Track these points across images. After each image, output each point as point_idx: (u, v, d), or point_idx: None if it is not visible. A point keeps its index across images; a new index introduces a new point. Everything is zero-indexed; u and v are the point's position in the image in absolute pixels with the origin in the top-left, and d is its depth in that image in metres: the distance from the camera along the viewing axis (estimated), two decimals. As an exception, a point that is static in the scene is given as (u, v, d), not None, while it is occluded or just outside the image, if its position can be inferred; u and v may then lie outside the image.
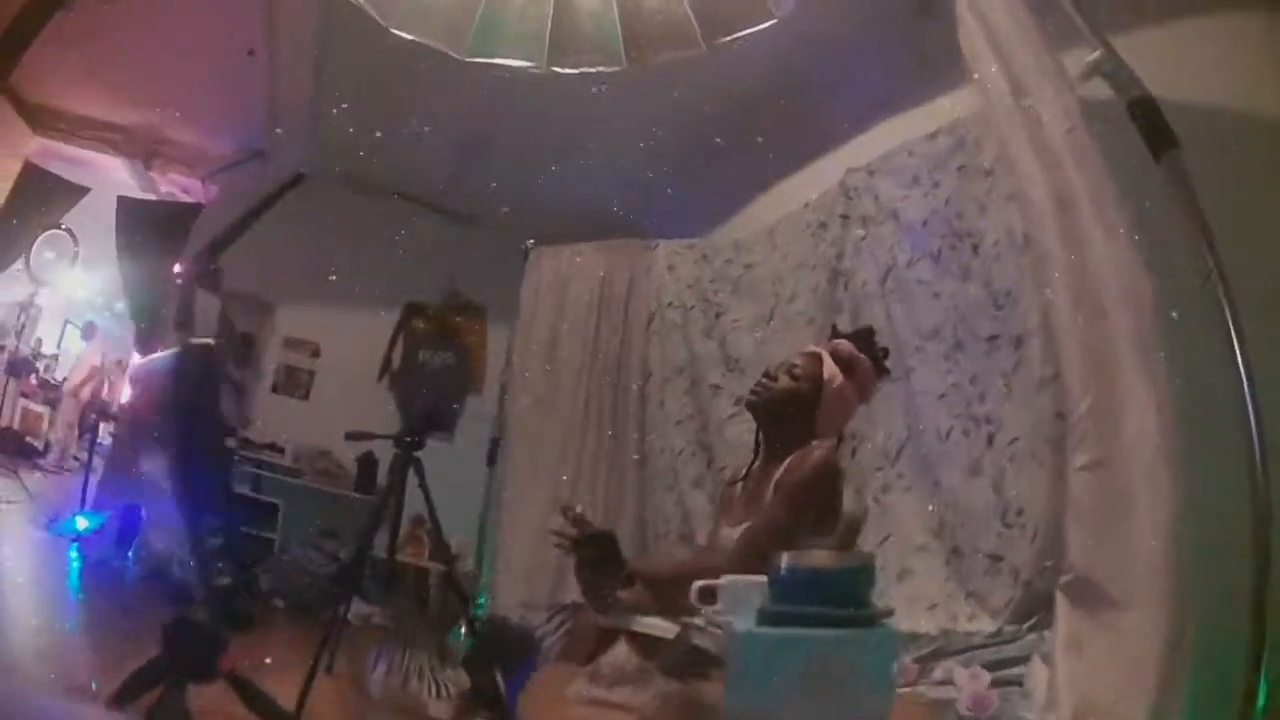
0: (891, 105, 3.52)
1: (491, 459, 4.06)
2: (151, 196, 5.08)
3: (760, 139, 3.80)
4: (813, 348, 2.09)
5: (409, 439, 3.25)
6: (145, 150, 4.97)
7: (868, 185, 3.42)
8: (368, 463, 5.19)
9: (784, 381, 1.99)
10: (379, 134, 4.49)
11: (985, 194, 3.05)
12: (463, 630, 3.18)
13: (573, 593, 3.66)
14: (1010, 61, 2.18)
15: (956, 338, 3.02)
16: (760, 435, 2.05)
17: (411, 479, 3.07)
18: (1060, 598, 1.93)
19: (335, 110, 4.47)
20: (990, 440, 2.83)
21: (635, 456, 3.83)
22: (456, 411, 5.48)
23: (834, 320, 3.39)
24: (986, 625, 2.70)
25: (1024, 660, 2.39)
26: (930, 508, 3.00)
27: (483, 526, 3.96)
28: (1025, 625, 2.54)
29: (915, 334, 3.09)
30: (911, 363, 3.08)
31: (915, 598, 2.92)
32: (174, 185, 5.17)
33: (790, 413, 1.95)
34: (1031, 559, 2.58)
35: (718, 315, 3.76)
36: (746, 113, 3.70)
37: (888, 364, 2.24)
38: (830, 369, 2.00)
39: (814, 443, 1.92)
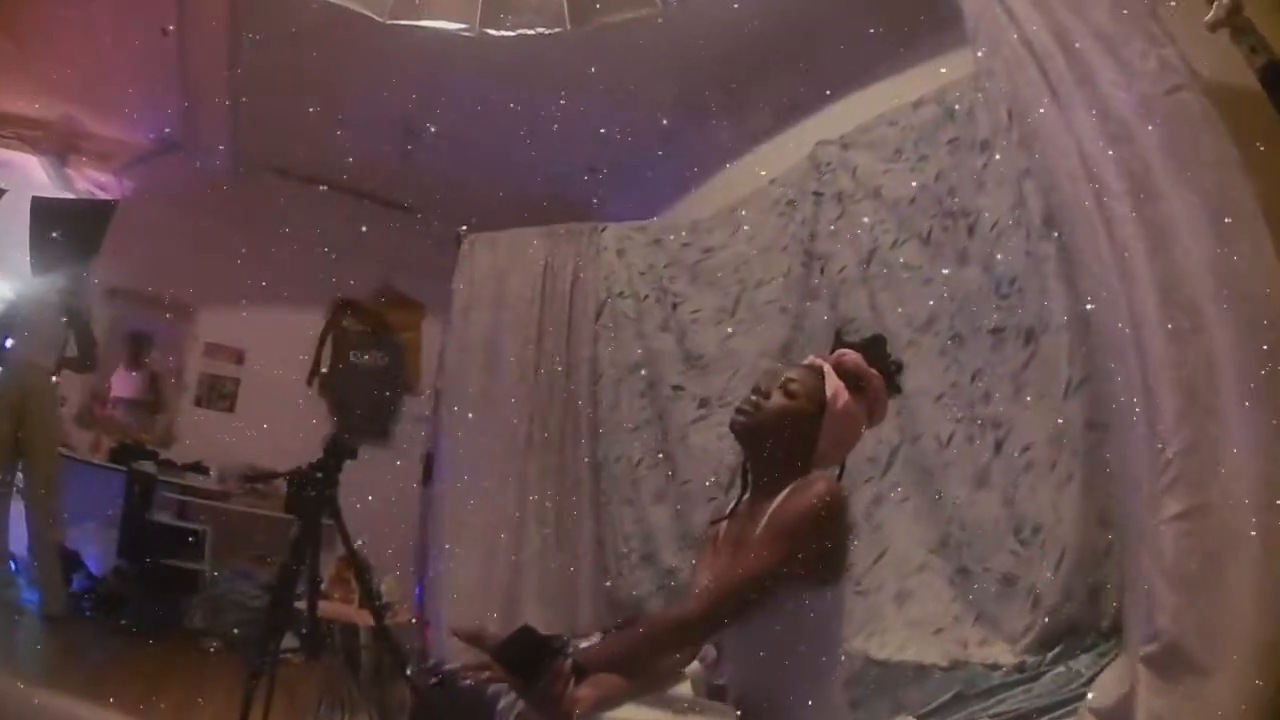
0: (863, 73, 3.06)
1: (427, 476, 3.44)
2: (68, 195, 4.55)
3: (717, 109, 3.28)
4: (813, 359, 1.66)
5: (318, 473, 2.59)
6: (61, 146, 4.54)
7: (842, 159, 2.96)
8: (300, 480, 4.48)
9: (778, 400, 1.57)
10: (301, 118, 3.98)
11: (981, 169, 2.62)
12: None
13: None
14: (1062, 10, 1.71)
15: (954, 330, 2.60)
16: (748, 465, 1.62)
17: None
18: (1143, 670, 1.51)
19: (252, 94, 4.01)
20: (998, 447, 2.43)
21: (588, 467, 3.28)
22: (391, 416, 4.99)
23: (806, 305, 2.94)
24: (1002, 654, 2.32)
25: (1058, 711, 1.98)
26: (930, 522, 2.57)
27: (422, 556, 3.35)
28: (1049, 656, 2.15)
29: (906, 325, 2.67)
30: (904, 358, 2.64)
31: (918, 622, 2.51)
32: (90, 183, 4.69)
33: (786, 437, 1.55)
34: (1056, 583, 2.19)
35: (675, 306, 3.25)
36: (703, 82, 3.18)
37: (900, 379, 1.78)
38: (834, 385, 1.58)
39: (814, 473, 1.52)
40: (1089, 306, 2.02)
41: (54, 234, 4.01)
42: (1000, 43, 2.26)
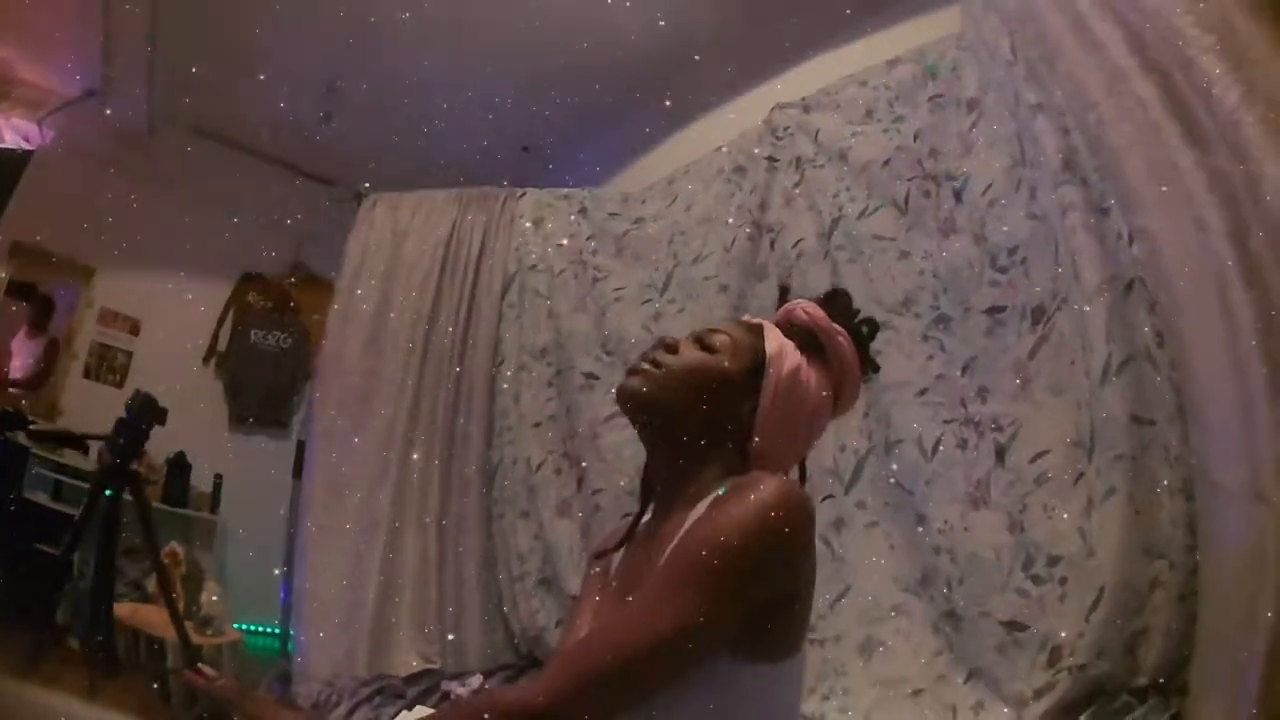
0: (827, 37, 2.41)
1: (298, 468, 2.54)
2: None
3: (662, 83, 2.60)
4: (748, 318, 1.00)
5: (120, 439, 1.95)
6: None
7: (803, 123, 2.31)
8: (179, 466, 3.63)
9: (689, 353, 0.92)
10: (221, 76, 3.33)
11: (969, 130, 1.99)
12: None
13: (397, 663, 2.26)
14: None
15: (939, 310, 1.91)
16: (649, 461, 0.96)
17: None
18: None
19: (173, 47, 3.29)
20: (1000, 455, 1.72)
21: (478, 468, 2.42)
22: (290, 403, 4.11)
23: (751, 284, 2.20)
24: (1003, 724, 1.52)
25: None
26: (909, 552, 1.83)
27: (289, 563, 2.40)
28: (1074, 728, 1.46)
29: (876, 305, 1.99)
30: (875, 344, 1.90)
31: (890, 680, 1.76)
32: (16, 132, 3.90)
33: (703, 413, 0.89)
34: (1087, 633, 1.46)
35: (594, 281, 2.47)
36: (647, 44, 2.48)
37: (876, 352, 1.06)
38: (778, 341, 0.93)
39: (755, 473, 0.82)
40: (1149, 252, 1.36)
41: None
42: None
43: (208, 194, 3.61)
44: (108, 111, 3.69)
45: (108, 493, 1.87)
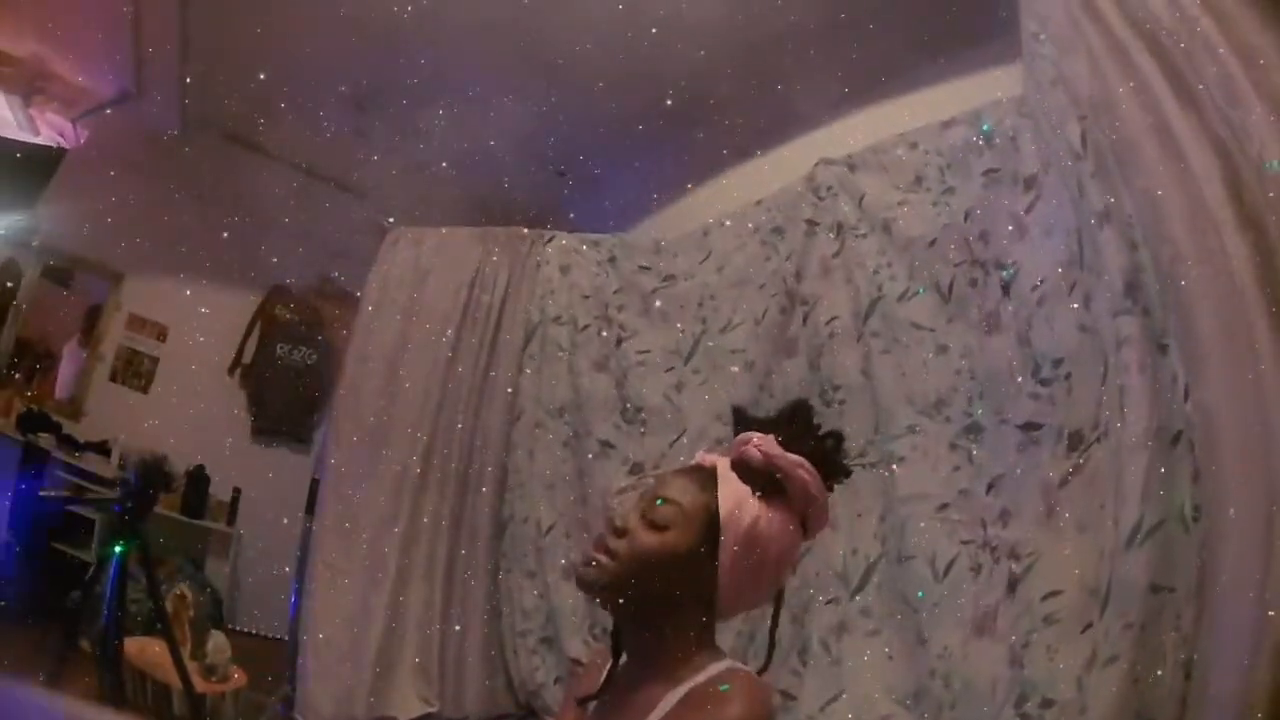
0: (881, 86, 2.28)
1: (310, 504, 2.65)
2: (28, 138, 3.87)
3: (704, 116, 2.52)
4: (701, 456, 1.03)
5: (129, 501, 2.02)
6: (27, 85, 3.85)
7: (847, 183, 2.21)
8: (198, 480, 3.79)
9: (641, 539, 0.95)
10: (255, 83, 3.28)
11: (1024, 213, 1.85)
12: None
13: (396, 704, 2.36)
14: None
15: (972, 418, 1.81)
16: (616, 622, 1.03)
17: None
18: None
19: (207, 52, 3.33)
20: (1012, 586, 1.65)
21: (489, 522, 2.47)
22: (311, 420, 4.18)
23: (779, 361, 2.14)
24: None
25: None
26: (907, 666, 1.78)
27: (299, 596, 2.53)
28: None
29: (906, 403, 1.91)
30: (899, 448, 1.85)
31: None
32: (52, 129, 4.02)
33: (662, 590, 0.94)
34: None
35: (619, 341, 2.45)
36: (691, 78, 2.41)
37: (851, 457, 1.09)
38: (733, 495, 0.96)
39: (722, 666, 0.93)
40: (1205, 423, 1.25)
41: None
42: (1079, 43, 1.51)
43: (239, 202, 3.68)
44: (146, 118, 3.82)
45: (118, 549, 1.99)
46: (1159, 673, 1.34)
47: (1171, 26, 1.42)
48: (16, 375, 3.58)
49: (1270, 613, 1.12)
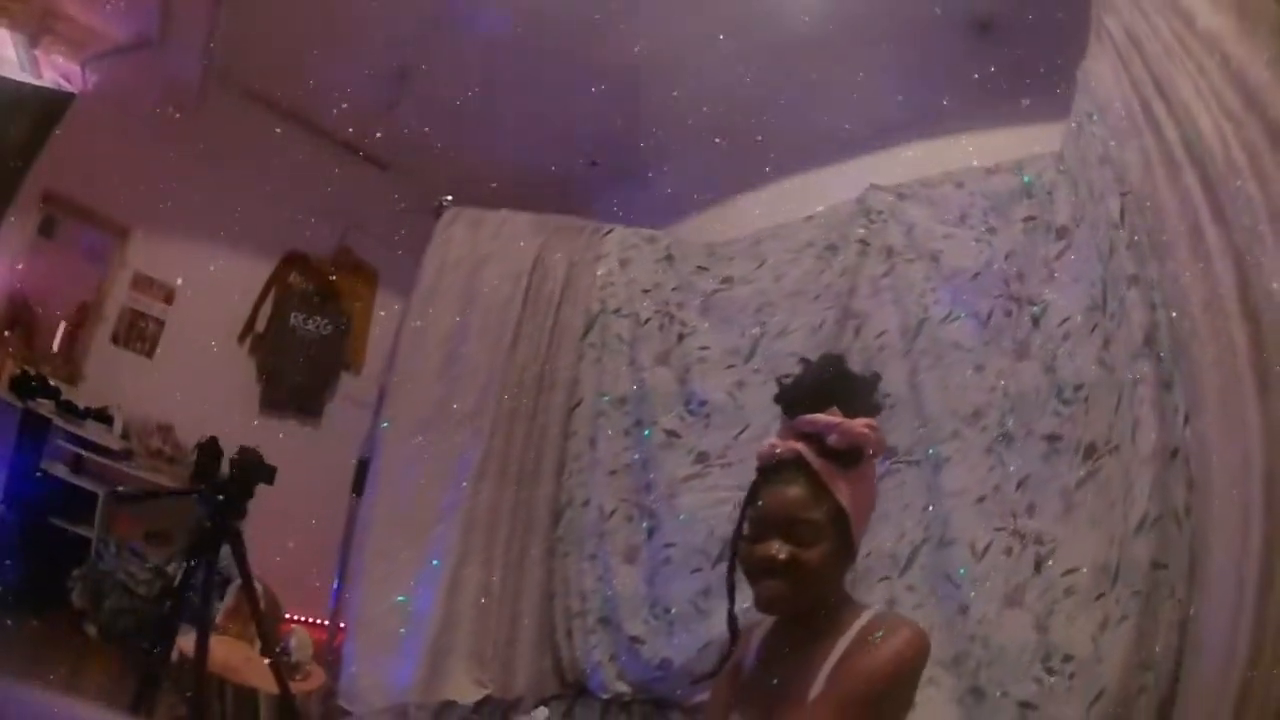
0: (932, 124, 2.78)
1: (358, 485, 2.87)
2: (30, 79, 3.88)
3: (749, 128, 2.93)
4: (775, 444, 1.28)
5: (221, 496, 2.18)
6: (35, 24, 3.80)
7: (896, 210, 2.74)
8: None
9: (803, 559, 1.22)
10: (286, 41, 3.49)
11: (1054, 258, 2.43)
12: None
13: (450, 687, 2.68)
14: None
15: (1004, 428, 2.38)
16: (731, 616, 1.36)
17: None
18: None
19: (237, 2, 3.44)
20: (1038, 566, 2.26)
21: (548, 508, 2.84)
22: (325, 393, 4.38)
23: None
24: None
25: None
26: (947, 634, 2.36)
27: (341, 578, 2.78)
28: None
29: (949, 413, 2.48)
30: (945, 450, 2.41)
31: (913, 741, 2.29)
32: (57, 71, 4.01)
33: (828, 577, 1.26)
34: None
35: (680, 337, 2.91)
36: (750, 86, 2.79)
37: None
38: (842, 481, 1.25)
39: (893, 618, 1.25)
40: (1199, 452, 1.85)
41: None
42: (1134, 139, 2.05)
43: (256, 164, 3.82)
44: (166, 68, 3.88)
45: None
46: (1159, 626, 1.96)
47: (1211, 145, 1.97)
48: (6, 333, 3.51)
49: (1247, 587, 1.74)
